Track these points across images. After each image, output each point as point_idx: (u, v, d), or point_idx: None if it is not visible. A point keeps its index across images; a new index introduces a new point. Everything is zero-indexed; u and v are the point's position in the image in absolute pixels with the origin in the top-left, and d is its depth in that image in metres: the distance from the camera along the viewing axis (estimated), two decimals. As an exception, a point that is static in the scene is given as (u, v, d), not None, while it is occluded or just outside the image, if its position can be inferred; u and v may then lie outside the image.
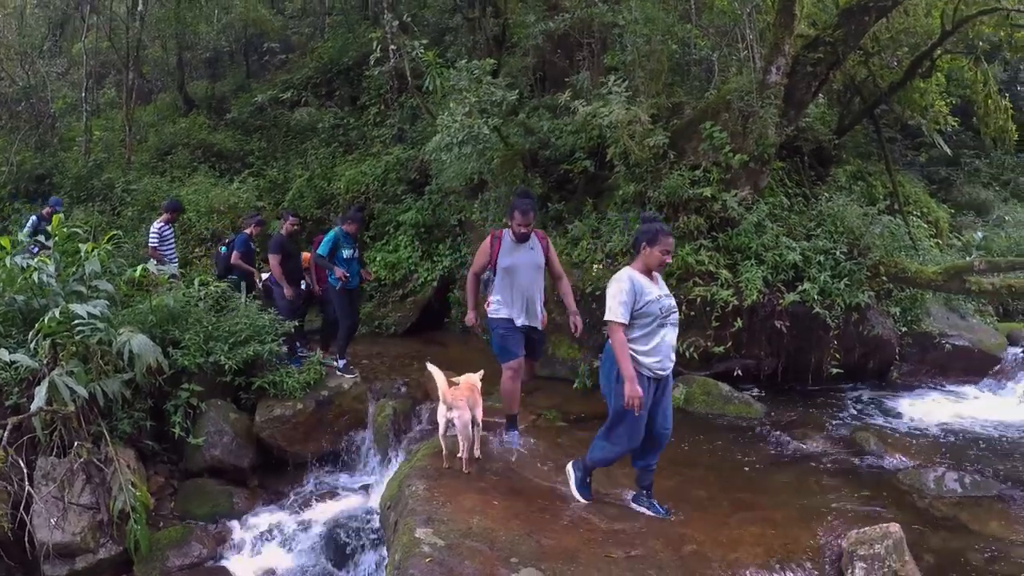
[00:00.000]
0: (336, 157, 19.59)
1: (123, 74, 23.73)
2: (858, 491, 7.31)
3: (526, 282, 8.04)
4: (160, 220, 13.35)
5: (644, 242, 6.34)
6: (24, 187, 21.55)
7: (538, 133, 12.68)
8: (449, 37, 19.91)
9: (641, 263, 6.39)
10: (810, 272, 10.57)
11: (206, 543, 8.54)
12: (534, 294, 8.11)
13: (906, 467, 8.13)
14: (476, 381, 7.86)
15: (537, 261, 8.15)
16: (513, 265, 8.02)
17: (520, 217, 7.91)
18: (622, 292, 6.19)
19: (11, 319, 9.35)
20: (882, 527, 5.74)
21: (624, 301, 6.16)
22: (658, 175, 11.13)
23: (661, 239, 6.28)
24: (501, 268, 8.05)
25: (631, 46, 12.51)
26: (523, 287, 8.03)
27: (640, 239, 6.39)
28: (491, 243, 8.20)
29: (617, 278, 6.31)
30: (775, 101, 10.90)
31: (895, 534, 5.61)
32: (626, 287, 6.19)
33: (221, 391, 10.09)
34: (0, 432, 8.03)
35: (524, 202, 8.05)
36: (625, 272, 6.34)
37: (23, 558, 7.84)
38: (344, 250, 11.10)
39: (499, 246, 8.14)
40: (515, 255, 8.05)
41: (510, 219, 7.99)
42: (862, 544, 5.66)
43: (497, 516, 6.28)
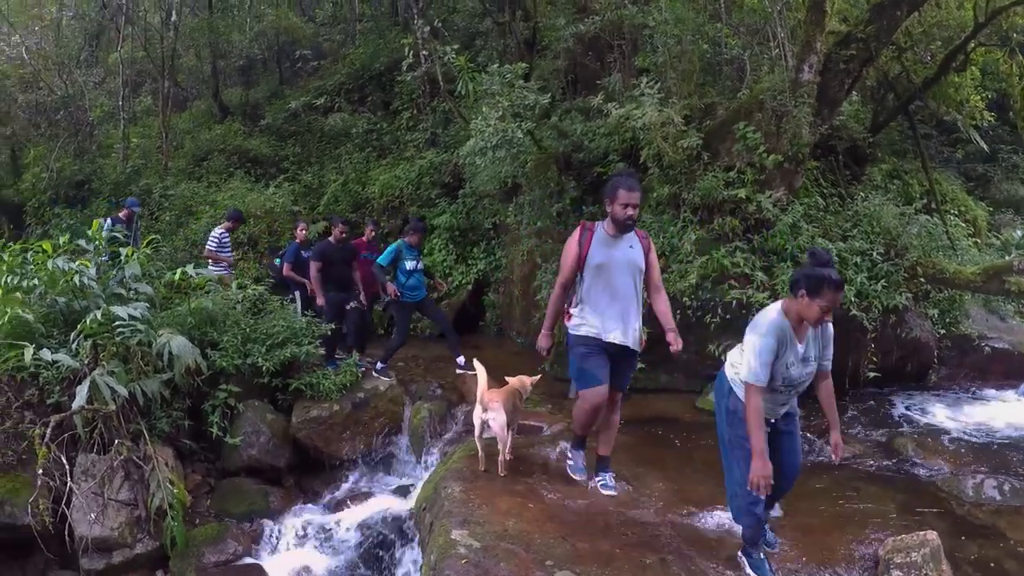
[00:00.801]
0: (370, 162, 19.71)
1: (159, 82, 24.01)
2: (895, 497, 7.21)
3: (622, 286, 6.57)
4: (221, 227, 13.75)
5: (804, 289, 5.11)
6: (64, 193, 21.87)
7: (571, 136, 12.66)
8: (479, 41, 19.97)
9: (795, 311, 5.22)
10: (847, 274, 10.42)
11: (241, 541, 8.63)
12: (631, 304, 6.62)
13: (944, 473, 8.01)
14: (527, 385, 7.87)
15: (637, 262, 6.65)
16: (607, 263, 6.55)
17: (626, 195, 6.46)
18: (767, 351, 5.18)
19: (53, 320, 9.53)
20: (919, 535, 5.68)
21: (767, 362, 5.17)
22: (692, 177, 11.08)
23: (826, 292, 5.02)
24: (591, 266, 6.58)
25: (662, 47, 12.48)
26: (618, 292, 6.57)
27: (799, 283, 5.15)
28: (580, 235, 6.72)
29: (763, 331, 5.21)
30: (808, 100, 10.79)
31: (932, 542, 5.54)
32: (771, 344, 5.17)
33: (258, 392, 10.26)
34: (43, 429, 8.23)
35: (628, 179, 6.59)
36: (775, 320, 5.24)
37: (62, 551, 8.02)
38: (407, 261, 11.11)
39: (590, 239, 6.65)
40: (610, 251, 6.59)
41: (610, 201, 6.57)
42: (899, 552, 5.60)
43: (532, 519, 6.28)
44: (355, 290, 12.04)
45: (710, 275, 10.29)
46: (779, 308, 5.29)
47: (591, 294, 6.65)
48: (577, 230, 6.83)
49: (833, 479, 7.70)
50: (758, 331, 5.22)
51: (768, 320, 5.24)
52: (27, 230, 21.19)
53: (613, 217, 6.58)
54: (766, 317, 5.29)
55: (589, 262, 6.61)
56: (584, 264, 6.63)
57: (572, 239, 6.77)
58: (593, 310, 6.64)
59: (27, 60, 24.40)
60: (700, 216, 10.87)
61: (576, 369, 6.77)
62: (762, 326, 5.22)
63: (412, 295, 11.18)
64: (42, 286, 9.56)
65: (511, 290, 14.36)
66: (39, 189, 22.26)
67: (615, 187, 6.52)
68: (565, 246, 6.83)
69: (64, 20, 26.84)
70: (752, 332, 5.27)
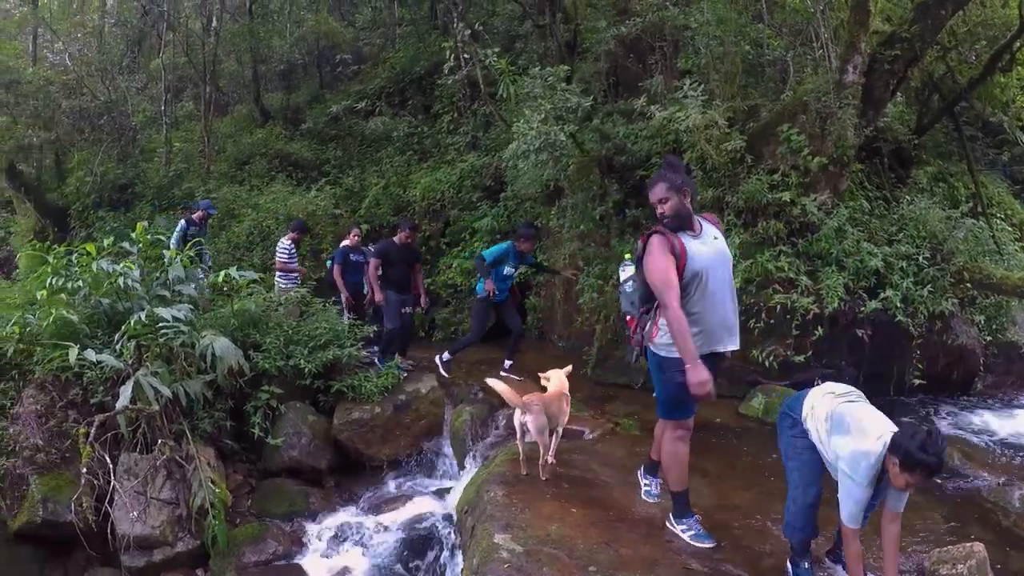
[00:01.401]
0: (411, 165, 19.74)
1: (200, 87, 24.26)
2: (940, 508, 7.07)
3: (721, 287, 5.83)
4: (287, 238, 13.92)
5: (900, 458, 4.72)
6: (108, 196, 22.14)
7: (613, 139, 12.59)
8: (520, 44, 19.95)
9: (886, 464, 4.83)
10: (892, 279, 10.32)
11: (281, 541, 8.65)
12: (730, 303, 5.90)
13: (990, 484, 7.85)
14: (565, 383, 7.81)
15: (725, 252, 5.97)
16: (705, 266, 5.73)
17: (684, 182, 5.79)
18: (865, 499, 4.95)
19: (97, 321, 9.62)
20: (965, 546, 5.58)
21: (863, 508, 4.97)
22: (736, 180, 11.00)
23: (918, 475, 4.68)
24: (693, 275, 5.70)
25: (704, 48, 12.42)
26: (719, 296, 5.81)
27: (899, 450, 4.72)
28: (668, 241, 5.72)
29: (861, 480, 4.89)
30: (853, 101, 10.69)
31: (979, 553, 5.43)
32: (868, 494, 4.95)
33: (300, 394, 10.32)
34: (87, 428, 8.33)
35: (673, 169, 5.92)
36: (873, 468, 4.86)
37: (103, 549, 8.04)
38: (507, 266, 11.15)
39: (682, 244, 5.73)
40: (703, 252, 5.78)
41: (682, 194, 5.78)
42: (944, 563, 5.50)
43: (575, 524, 6.24)
44: (413, 293, 12.07)
45: (754, 279, 10.21)
46: (880, 455, 4.84)
47: (695, 308, 5.74)
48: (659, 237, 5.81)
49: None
50: (858, 480, 4.90)
51: (867, 467, 4.87)
52: (71, 233, 21.45)
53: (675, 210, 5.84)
54: (867, 464, 4.87)
55: (690, 270, 5.70)
56: (684, 273, 5.71)
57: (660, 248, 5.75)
58: (699, 325, 5.74)
59: (70, 66, 24.71)
60: (744, 219, 10.78)
61: (670, 398, 5.94)
62: (862, 476, 4.89)
63: (496, 296, 11.14)
64: (86, 288, 9.67)
65: (553, 293, 14.31)
66: (83, 193, 22.57)
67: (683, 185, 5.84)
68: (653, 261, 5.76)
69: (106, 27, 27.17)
70: (851, 473, 4.93)
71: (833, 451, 5.07)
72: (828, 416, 5.17)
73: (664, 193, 5.77)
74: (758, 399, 9.75)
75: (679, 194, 5.75)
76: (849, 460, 4.93)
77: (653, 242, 5.76)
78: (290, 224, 14.58)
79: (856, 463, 4.90)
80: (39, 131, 22.39)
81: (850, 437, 4.97)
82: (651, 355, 6.06)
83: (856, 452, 4.90)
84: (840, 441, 5.02)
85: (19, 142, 22.13)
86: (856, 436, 4.96)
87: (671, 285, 5.58)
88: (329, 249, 15.75)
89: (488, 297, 11.01)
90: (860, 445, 4.90)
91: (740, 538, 6.24)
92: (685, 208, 5.79)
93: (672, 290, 5.56)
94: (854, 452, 4.91)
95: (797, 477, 5.36)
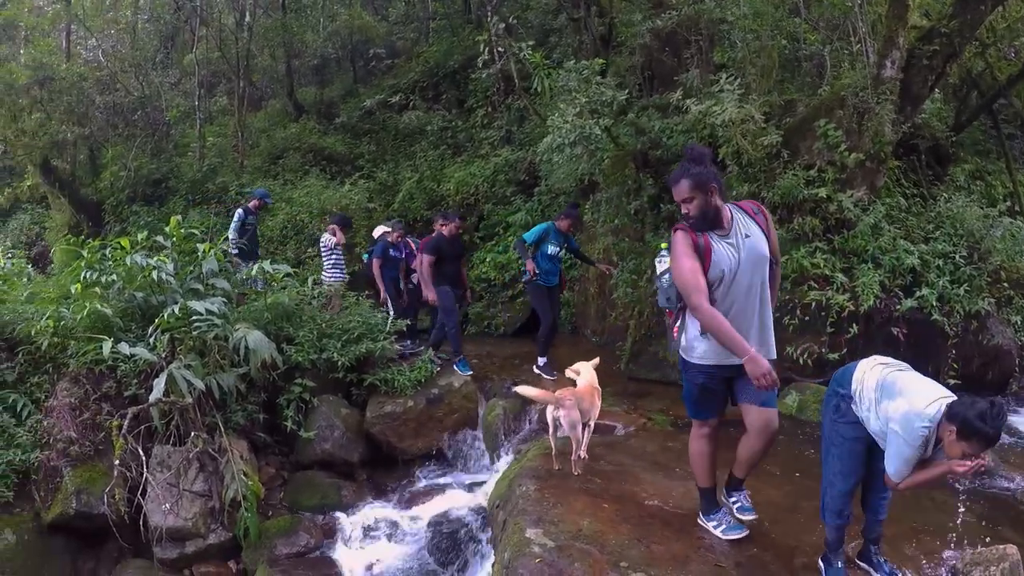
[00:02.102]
0: (445, 159, 19.77)
1: (234, 82, 24.33)
2: (973, 509, 6.90)
3: (750, 290, 5.36)
4: (328, 232, 13.73)
5: (956, 427, 4.52)
6: (142, 191, 22.25)
7: (649, 133, 12.49)
8: (554, 38, 19.87)
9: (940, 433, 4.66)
10: (928, 277, 10.18)
11: (313, 533, 8.75)
12: (761, 307, 5.45)
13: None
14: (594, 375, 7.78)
15: (758, 250, 5.38)
16: (733, 267, 5.30)
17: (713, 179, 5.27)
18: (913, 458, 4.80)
19: (131, 315, 9.77)
20: (998, 548, 5.48)
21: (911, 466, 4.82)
22: (772, 175, 10.90)
23: (976, 443, 4.47)
24: (718, 276, 5.28)
25: (740, 42, 12.32)
26: (748, 299, 5.37)
27: (956, 419, 4.53)
28: (692, 239, 5.34)
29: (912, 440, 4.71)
30: (891, 97, 10.56)
31: (1012, 556, 5.33)
32: (917, 455, 4.78)
33: (333, 387, 10.45)
34: (120, 421, 8.48)
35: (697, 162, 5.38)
36: (927, 429, 4.67)
37: (135, 540, 8.20)
38: (550, 245, 11.04)
39: (708, 242, 5.30)
40: (730, 253, 5.32)
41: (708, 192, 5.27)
42: (977, 565, 5.43)
43: (607, 519, 6.21)
44: (463, 287, 12.05)
45: (789, 276, 10.11)
46: (934, 419, 4.66)
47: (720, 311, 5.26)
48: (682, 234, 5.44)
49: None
50: (909, 439, 4.75)
51: (920, 428, 4.71)
52: (106, 228, 21.62)
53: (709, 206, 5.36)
54: (920, 425, 4.71)
55: (715, 271, 5.29)
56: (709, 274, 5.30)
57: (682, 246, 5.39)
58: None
59: (104, 63, 24.85)
60: (780, 215, 10.67)
61: (690, 400, 5.86)
62: (914, 436, 4.73)
63: (546, 279, 11.07)
64: (120, 281, 9.82)
65: (586, 288, 14.27)
66: (117, 187, 22.70)
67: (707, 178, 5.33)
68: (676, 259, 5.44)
69: (139, 23, 27.31)
70: (902, 432, 4.78)
71: (884, 416, 4.93)
72: (878, 384, 5.04)
73: (688, 192, 5.30)
74: (792, 396, 9.67)
75: (705, 192, 5.27)
76: (901, 421, 4.80)
77: (676, 240, 5.41)
78: (333, 218, 14.49)
79: (909, 423, 4.76)
80: (73, 127, 22.49)
81: (903, 399, 4.85)
82: (677, 354, 5.92)
83: (909, 413, 4.77)
84: (891, 404, 4.89)
85: (53, 138, 22.24)
86: (909, 398, 4.83)
87: (698, 288, 5.20)
88: (363, 244, 15.76)
89: (532, 278, 10.91)
90: (914, 407, 4.77)
91: (772, 536, 6.17)
92: (712, 207, 5.30)
93: (699, 293, 5.18)
94: (907, 413, 4.78)
95: (837, 465, 5.26)
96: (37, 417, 8.61)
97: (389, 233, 13.16)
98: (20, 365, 9.13)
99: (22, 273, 13.51)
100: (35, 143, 22.15)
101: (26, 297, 10.59)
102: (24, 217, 26.83)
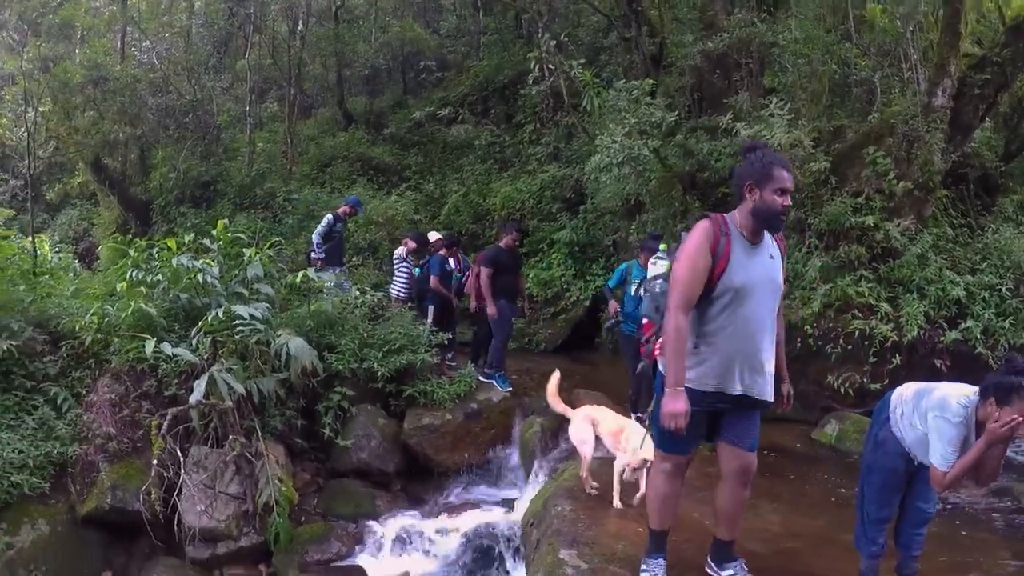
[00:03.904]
0: (492, 174, 19.83)
1: (285, 89, 24.60)
2: (1011, 547, 6.82)
3: (758, 316, 4.66)
4: (403, 245, 13.56)
5: (993, 397, 4.44)
6: (190, 193, 22.51)
7: (697, 155, 12.47)
8: (604, 56, 19.84)
9: (982, 416, 4.53)
10: (974, 309, 10.08)
11: (345, 541, 8.78)
12: (764, 339, 4.70)
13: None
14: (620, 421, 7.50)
15: (777, 279, 4.77)
16: (747, 284, 4.59)
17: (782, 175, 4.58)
18: (958, 439, 4.59)
19: (174, 315, 9.84)
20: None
21: (957, 449, 4.57)
22: (819, 201, 10.83)
23: (1016, 401, 4.30)
24: (727, 289, 4.59)
25: (791, 66, 12.27)
26: (752, 325, 4.65)
27: (989, 391, 4.48)
28: (714, 234, 4.60)
29: (953, 419, 4.58)
30: (941, 125, 10.49)
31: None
32: (961, 434, 4.58)
33: (372, 396, 10.45)
34: (159, 420, 8.55)
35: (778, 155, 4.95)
36: (968, 411, 4.58)
37: (168, 538, 8.24)
38: (632, 286, 9.71)
39: (728, 246, 4.61)
40: (750, 267, 4.64)
41: (755, 186, 4.60)
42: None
43: (642, 543, 6.07)
44: (522, 297, 11.88)
45: (833, 303, 10.05)
46: (972, 401, 4.60)
47: (713, 330, 4.67)
48: (707, 226, 4.67)
49: (947, 524, 7.32)
50: (948, 416, 4.63)
51: (959, 406, 4.62)
52: (153, 227, 21.87)
53: (757, 210, 4.61)
54: (958, 403, 4.63)
55: (725, 281, 4.59)
56: (718, 283, 4.60)
57: (699, 239, 4.63)
58: (712, 351, 4.69)
59: (157, 65, 25.22)
60: (826, 242, 10.62)
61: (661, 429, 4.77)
62: (953, 412, 4.62)
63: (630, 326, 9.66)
64: (166, 282, 9.90)
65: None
66: (166, 188, 22.96)
67: (767, 165, 4.61)
68: (685, 249, 4.70)
69: (193, 28, 27.58)
70: (940, 413, 4.67)
71: (922, 415, 4.83)
72: (914, 394, 4.99)
73: (791, 183, 4.64)
74: (831, 426, 9.57)
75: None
76: (939, 403, 4.71)
77: (696, 232, 4.69)
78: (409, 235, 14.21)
79: (946, 402, 4.68)
80: (125, 127, 22.84)
81: (937, 391, 4.81)
82: (658, 372, 5.04)
83: (946, 395, 4.72)
84: (927, 400, 4.82)
85: (105, 137, 22.62)
86: (943, 387, 4.84)
87: (691, 295, 4.58)
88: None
89: (616, 324, 10.02)
90: (949, 390, 4.77)
91: (808, 567, 6.10)
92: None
93: (688, 299, 4.57)
94: (945, 396, 4.72)
95: (874, 494, 5.16)
96: (77, 411, 8.70)
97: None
98: (63, 359, 9.21)
99: (69, 268, 13.67)
100: (87, 141, 22.54)
101: (72, 292, 10.77)
102: (73, 213, 27.28)
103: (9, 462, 7.76)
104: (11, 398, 8.52)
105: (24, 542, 7.54)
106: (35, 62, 22.28)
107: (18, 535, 7.55)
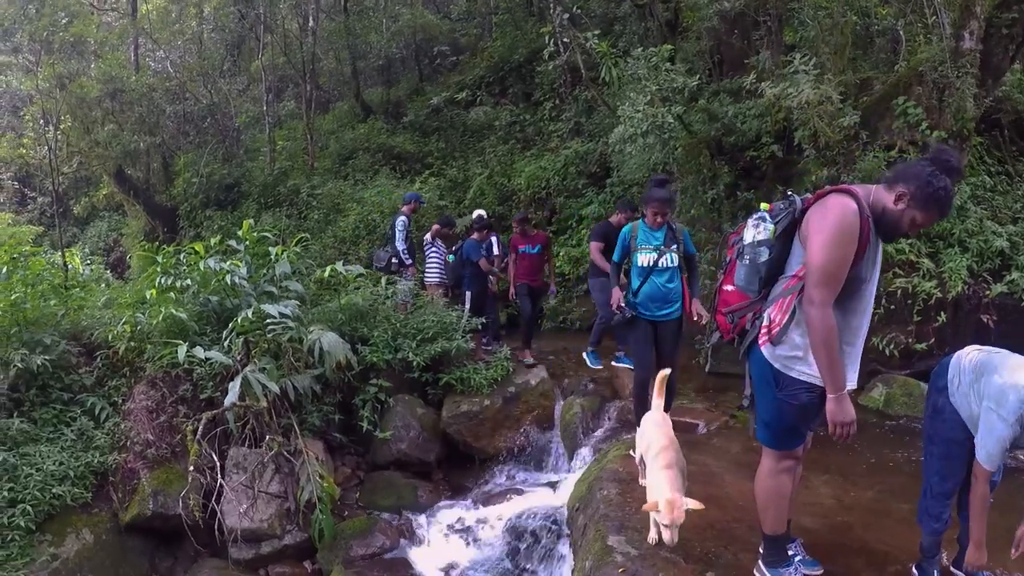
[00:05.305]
0: (514, 154, 19.72)
1: (301, 86, 24.65)
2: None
3: (869, 310, 4.53)
4: (430, 233, 13.55)
5: None
6: (214, 196, 22.70)
7: (722, 119, 12.23)
8: (618, 26, 19.61)
9: None
10: (1018, 260, 9.76)
11: (389, 534, 8.70)
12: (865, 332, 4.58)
13: None
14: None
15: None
16: (873, 276, 4.42)
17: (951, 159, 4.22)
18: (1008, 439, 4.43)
19: (206, 318, 9.87)
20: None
21: (1005, 449, 4.47)
22: (851, 157, 10.54)
23: None
24: (861, 280, 4.34)
25: (811, 21, 11.98)
26: (866, 319, 4.51)
27: None
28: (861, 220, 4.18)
29: (1009, 418, 4.38)
30: (971, 70, 10.16)
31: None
32: (1014, 434, 4.40)
33: (408, 387, 10.45)
34: (195, 424, 8.58)
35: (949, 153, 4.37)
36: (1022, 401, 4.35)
37: (210, 542, 8.28)
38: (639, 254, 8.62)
39: (868, 233, 4.23)
40: (876, 256, 4.41)
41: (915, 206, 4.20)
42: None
43: (691, 526, 5.92)
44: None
45: (873, 262, 9.79)
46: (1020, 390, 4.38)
47: (847, 321, 4.39)
48: (855, 207, 4.19)
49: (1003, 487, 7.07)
50: (1004, 414, 4.41)
51: (1017, 401, 4.38)
52: (181, 233, 22.09)
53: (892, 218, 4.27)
54: (1016, 395, 4.39)
55: (862, 271, 4.31)
56: (860, 268, 4.28)
57: (851, 221, 4.17)
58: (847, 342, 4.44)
59: (172, 73, 25.53)
60: (861, 199, 10.35)
61: (784, 424, 4.69)
62: (1010, 410, 4.40)
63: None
64: (195, 286, 9.97)
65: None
66: (190, 193, 23.17)
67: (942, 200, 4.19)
68: (830, 230, 4.19)
69: (205, 33, 27.80)
70: (996, 408, 4.46)
71: (978, 394, 4.63)
72: (975, 365, 4.74)
73: None
74: (878, 390, 9.35)
75: None
76: (996, 395, 4.49)
77: (841, 210, 4.20)
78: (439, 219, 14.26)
79: (1004, 396, 4.45)
80: (145, 136, 23.12)
81: (997, 375, 4.55)
82: (761, 361, 4.68)
83: (1005, 386, 4.47)
84: (986, 380, 4.59)
85: (126, 148, 22.86)
86: (1005, 373, 4.53)
87: (838, 277, 4.19)
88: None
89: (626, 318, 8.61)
90: (1010, 379, 4.48)
91: (863, 541, 5.92)
92: None
93: (835, 288, 4.20)
94: (1002, 386, 4.48)
95: (936, 465, 4.98)
96: (115, 420, 8.71)
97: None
98: (98, 369, 9.23)
99: (101, 279, 13.76)
100: (109, 153, 22.73)
101: (104, 303, 10.80)
102: (102, 224, 27.56)
103: (51, 474, 7.78)
104: (49, 411, 8.55)
105: (69, 552, 7.54)
106: (51, 80, 22.42)
107: (63, 546, 7.56)
